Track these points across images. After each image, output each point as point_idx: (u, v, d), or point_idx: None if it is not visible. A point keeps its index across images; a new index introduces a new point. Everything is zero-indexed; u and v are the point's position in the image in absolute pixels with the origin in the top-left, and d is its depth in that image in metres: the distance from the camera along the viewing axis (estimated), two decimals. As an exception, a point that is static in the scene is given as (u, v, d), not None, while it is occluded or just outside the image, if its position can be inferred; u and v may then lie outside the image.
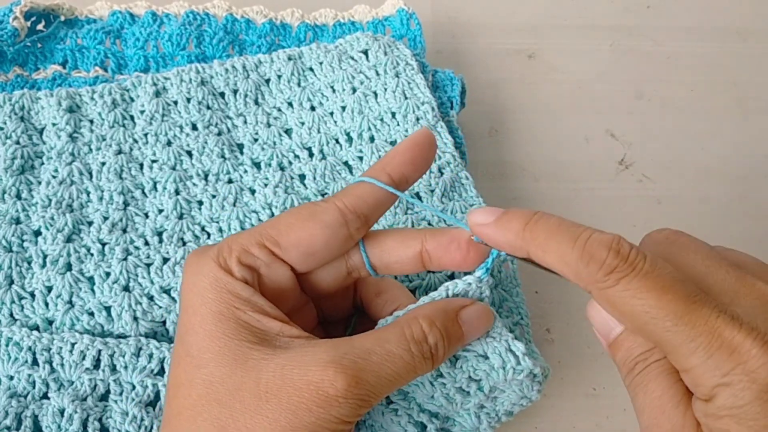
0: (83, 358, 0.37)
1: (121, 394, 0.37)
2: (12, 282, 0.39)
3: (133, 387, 0.37)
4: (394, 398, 0.35)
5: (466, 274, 0.35)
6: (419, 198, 0.44)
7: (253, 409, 0.28)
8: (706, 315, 0.27)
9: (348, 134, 0.46)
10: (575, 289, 0.35)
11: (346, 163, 0.45)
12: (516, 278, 0.42)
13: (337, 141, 0.46)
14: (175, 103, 0.45)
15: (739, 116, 0.56)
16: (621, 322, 0.30)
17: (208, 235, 0.42)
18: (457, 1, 0.59)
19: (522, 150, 0.53)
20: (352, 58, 0.47)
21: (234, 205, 0.43)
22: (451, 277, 0.41)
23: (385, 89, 0.46)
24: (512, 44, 0.58)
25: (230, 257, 0.32)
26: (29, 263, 0.40)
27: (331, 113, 0.46)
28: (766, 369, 0.26)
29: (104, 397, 0.37)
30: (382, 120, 0.46)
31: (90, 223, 0.42)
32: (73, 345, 0.37)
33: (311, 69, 0.47)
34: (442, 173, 0.44)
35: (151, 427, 0.36)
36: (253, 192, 0.44)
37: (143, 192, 0.43)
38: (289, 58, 0.47)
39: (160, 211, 0.42)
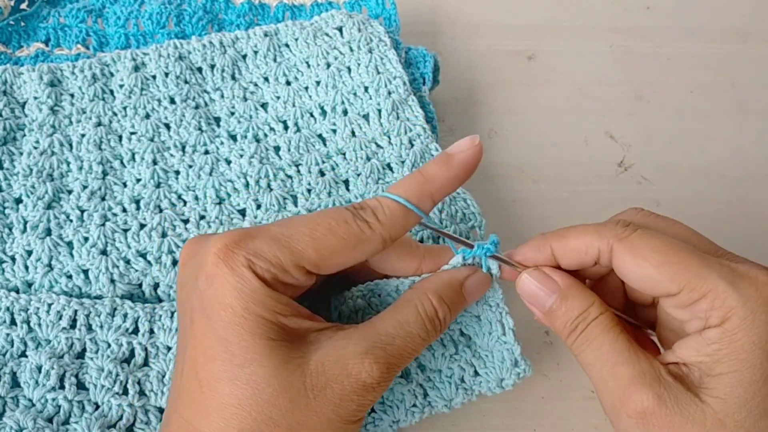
0: (60, 318, 0.38)
1: (96, 351, 0.38)
2: (-7, 247, 0.41)
3: (109, 345, 0.38)
4: None
5: None
6: (390, 169, 0.45)
7: (303, 405, 0.30)
8: (711, 254, 0.32)
9: (322, 108, 0.47)
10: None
11: (320, 136, 0.47)
12: None
13: (311, 114, 0.47)
14: (154, 77, 0.47)
15: (738, 118, 0.56)
16: (639, 270, 0.32)
17: (185, 202, 0.43)
18: (457, 2, 0.59)
19: (521, 152, 0.53)
20: (327, 35, 0.49)
21: (210, 174, 0.44)
22: None
23: (359, 64, 0.47)
24: (512, 46, 0.58)
25: (267, 272, 0.31)
26: (10, 229, 0.41)
27: (306, 88, 0.48)
28: None
29: (81, 354, 0.38)
30: (355, 94, 0.47)
31: (70, 192, 0.43)
32: (49, 305, 0.39)
33: (287, 45, 0.49)
34: (412, 145, 0.45)
35: (126, 382, 0.37)
36: (228, 162, 0.45)
37: (122, 162, 0.45)
38: (266, 35, 0.48)
39: (138, 180, 0.44)
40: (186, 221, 0.43)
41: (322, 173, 0.45)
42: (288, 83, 0.48)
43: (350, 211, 0.33)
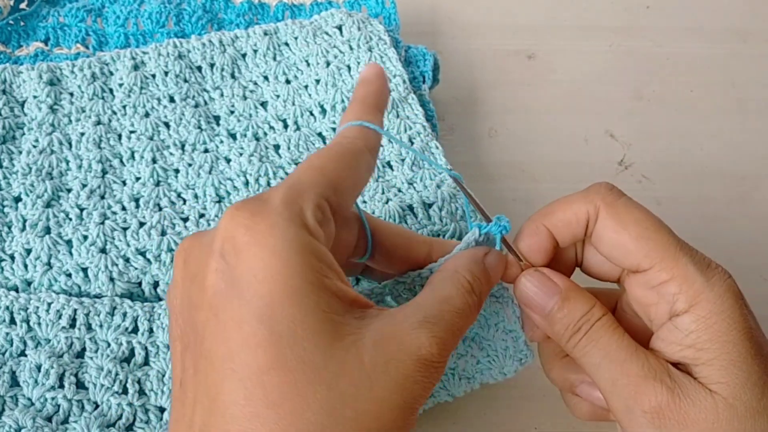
0: (59, 317, 0.38)
1: (96, 351, 0.38)
2: (-8, 246, 0.41)
3: (108, 344, 0.38)
4: None
5: None
6: (390, 167, 0.45)
7: (367, 389, 0.26)
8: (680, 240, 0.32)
9: (322, 106, 0.47)
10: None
11: (320, 134, 0.46)
12: None
13: (311, 113, 0.47)
14: (153, 76, 0.47)
15: (738, 117, 0.56)
16: (620, 238, 0.32)
17: (184, 201, 0.43)
18: (457, 1, 0.59)
19: (521, 151, 0.53)
20: (327, 33, 0.49)
21: (210, 172, 0.44)
22: None
23: (358, 63, 0.47)
24: (512, 45, 0.58)
25: (308, 213, 0.28)
26: (9, 227, 0.41)
27: (306, 86, 0.48)
28: (733, 282, 0.31)
29: (80, 354, 0.38)
30: (355, 92, 0.47)
31: (69, 190, 0.43)
32: (49, 305, 0.38)
33: (286, 44, 0.49)
34: (412, 143, 0.45)
35: (126, 381, 0.37)
36: (228, 161, 0.45)
37: (121, 161, 0.44)
38: (265, 33, 0.48)
39: (138, 178, 0.44)
40: (185, 219, 0.42)
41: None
42: (288, 82, 0.48)
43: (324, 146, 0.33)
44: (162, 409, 0.37)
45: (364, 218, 0.35)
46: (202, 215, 0.43)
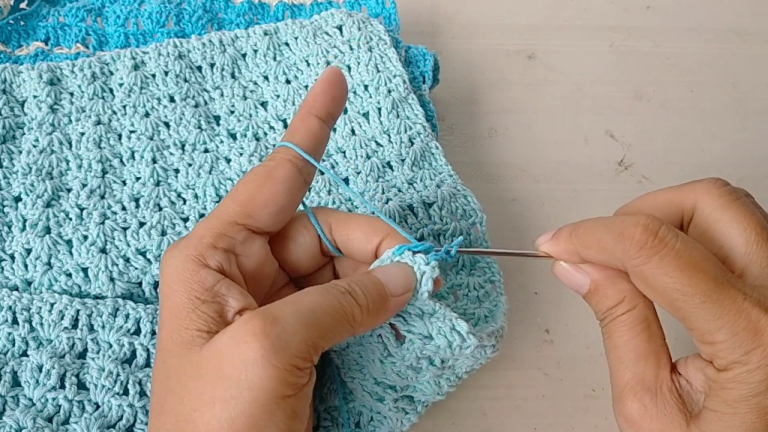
0: (62, 318, 0.38)
1: (98, 352, 0.38)
2: (-8, 246, 0.41)
3: (110, 345, 0.38)
4: (351, 369, 0.36)
5: None
6: (390, 167, 0.45)
7: (193, 390, 0.28)
8: (734, 296, 0.29)
9: (322, 106, 0.47)
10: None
11: (320, 134, 0.46)
12: (486, 240, 0.43)
13: (311, 113, 0.47)
14: (153, 76, 0.47)
15: (738, 117, 0.56)
16: (653, 299, 0.32)
17: (184, 201, 0.43)
18: (457, 1, 0.59)
19: (521, 151, 0.53)
20: (327, 33, 0.49)
21: (210, 172, 0.44)
22: None
23: (359, 63, 0.47)
24: (512, 45, 0.58)
25: (201, 245, 0.32)
26: (9, 227, 0.41)
27: (306, 86, 0.48)
28: None
29: (82, 354, 0.38)
30: (355, 92, 0.47)
31: (69, 190, 0.43)
32: (52, 305, 0.39)
33: (287, 44, 0.49)
34: (412, 143, 0.45)
35: (127, 382, 0.37)
36: (228, 161, 0.45)
37: (121, 161, 0.44)
38: (265, 33, 0.48)
39: (138, 178, 0.44)
40: (185, 219, 0.43)
41: (321, 171, 0.45)
42: (288, 82, 0.48)
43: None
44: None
45: (314, 219, 0.35)
46: (202, 215, 0.43)
